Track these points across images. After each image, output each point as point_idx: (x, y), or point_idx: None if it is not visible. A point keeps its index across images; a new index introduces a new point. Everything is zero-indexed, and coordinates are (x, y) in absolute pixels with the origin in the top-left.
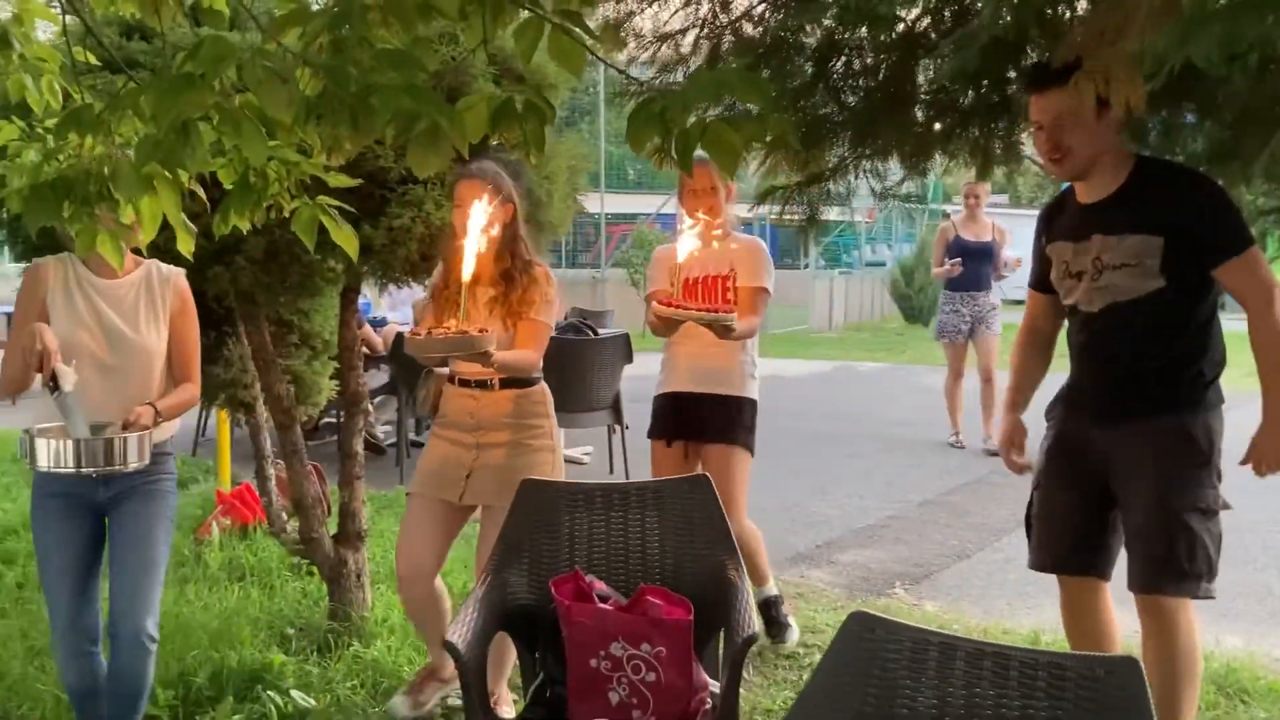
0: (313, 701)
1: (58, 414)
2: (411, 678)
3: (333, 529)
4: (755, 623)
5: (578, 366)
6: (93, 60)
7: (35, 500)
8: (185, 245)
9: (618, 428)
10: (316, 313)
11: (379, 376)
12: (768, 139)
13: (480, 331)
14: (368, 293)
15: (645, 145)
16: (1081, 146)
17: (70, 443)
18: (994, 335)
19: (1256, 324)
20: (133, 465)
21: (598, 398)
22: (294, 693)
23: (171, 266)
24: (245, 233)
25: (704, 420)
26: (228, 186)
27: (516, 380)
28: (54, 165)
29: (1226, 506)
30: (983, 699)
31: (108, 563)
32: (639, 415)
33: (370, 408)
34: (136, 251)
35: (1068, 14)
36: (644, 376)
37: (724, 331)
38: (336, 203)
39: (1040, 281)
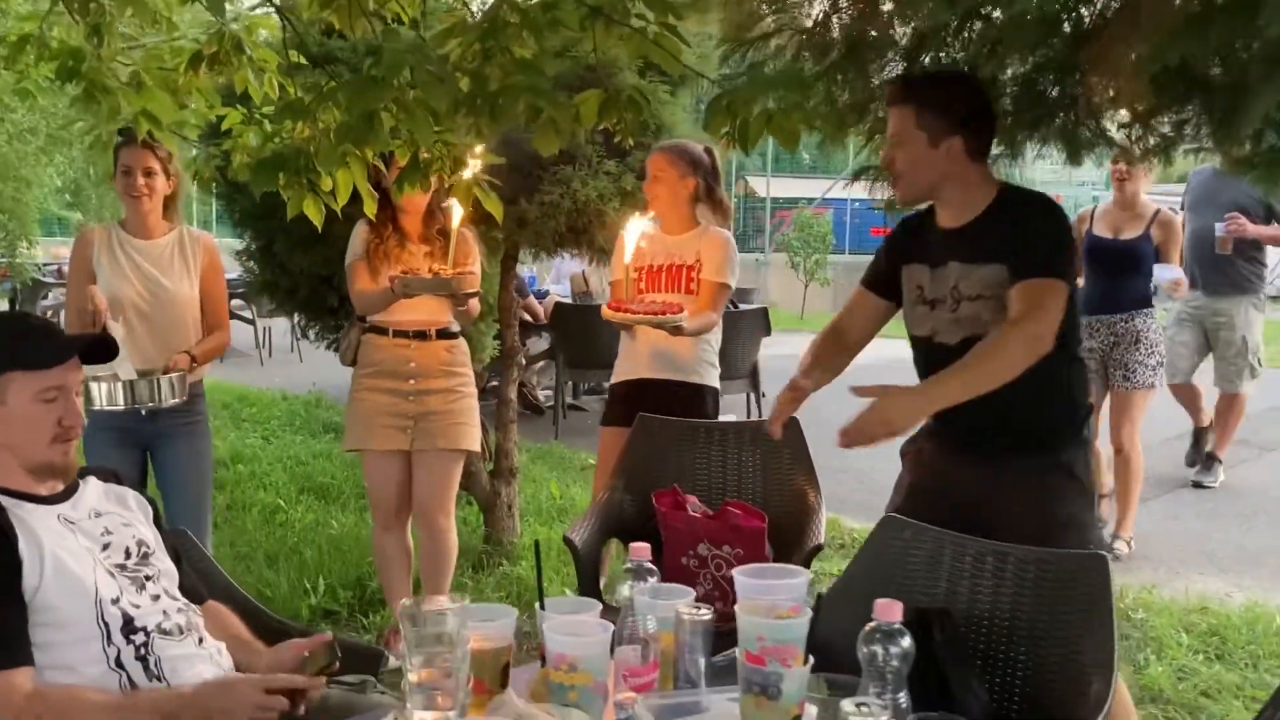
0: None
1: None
2: (385, 632)
3: (489, 468)
4: (822, 536)
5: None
6: (301, 60)
7: (88, 436)
8: (370, 209)
9: (755, 396)
10: (484, 279)
11: (539, 343)
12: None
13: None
14: (533, 267)
15: (719, 130)
16: (909, 170)
17: (120, 384)
18: (1139, 389)
19: (1003, 329)
20: (171, 402)
21: (737, 368)
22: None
23: (202, 231)
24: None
25: (665, 409)
26: (402, 163)
27: (447, 331)
28: (273, 145)
29: (1112, 549)
30: (983, 589)
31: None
32: (775, 387)
33: (523, 364)
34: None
35: None
36: (782, 355)
37: (675, 332)
38: (488, 177)
39: (873, 281)
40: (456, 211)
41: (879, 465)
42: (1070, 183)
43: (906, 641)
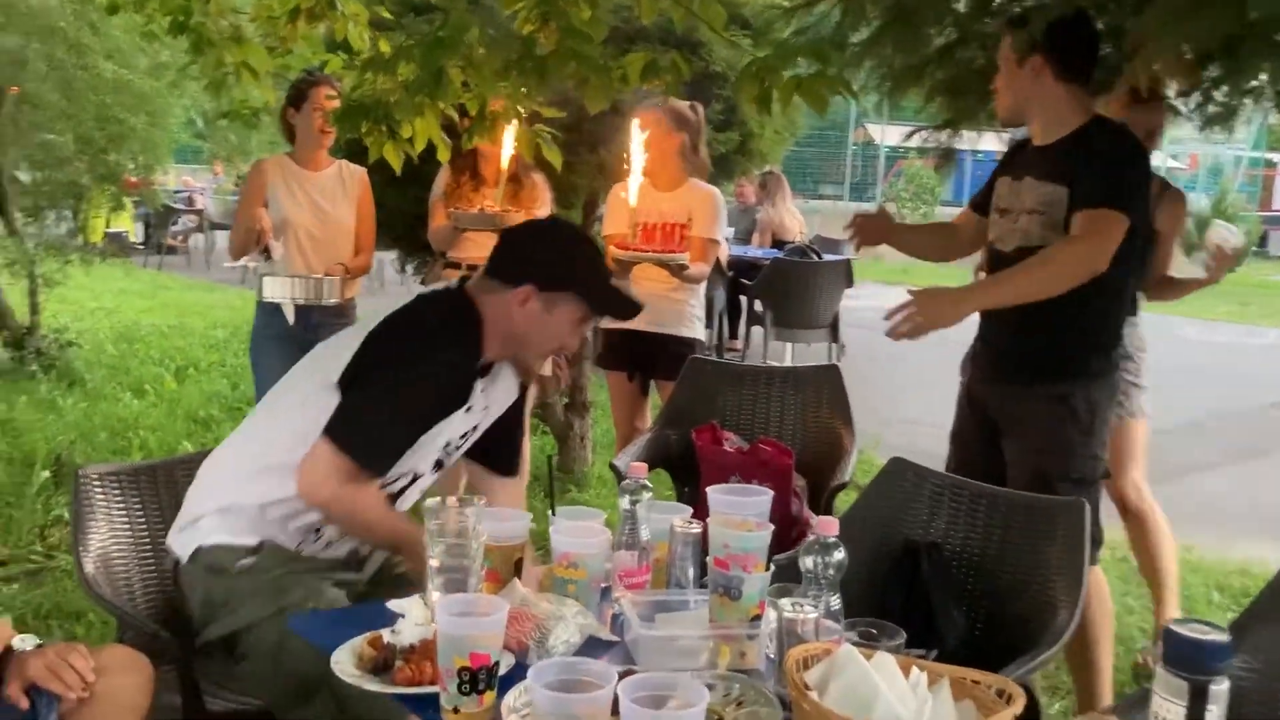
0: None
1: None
2: None
3: (564, 401)
4: (847, 476)
5: (799, 287)
6: (387, 14)
7: (255, 340)
8: (444, 157)
9: (835, 346)
10: None
11: None
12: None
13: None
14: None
15: (750, 96)
16: (1001, 89)
17: (285, 279)
18: (1137, 418)
19: (1057, 244)
20: (328, 301)
21: (817, 317)
22: None
23: (357, 166)
24: None
25: (655, 357)
26: (472, 114)
27: None
28: (358, 93)
29: (1107, 475)
30: (976, 527)
31: None
32: (857, 338)
33: None
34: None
35: None
36: (869, 307)
37: (678, 270)
38: (549, 130)
39: (978, 201)
40: (506, 151)
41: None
42: None
43: (839, 554)
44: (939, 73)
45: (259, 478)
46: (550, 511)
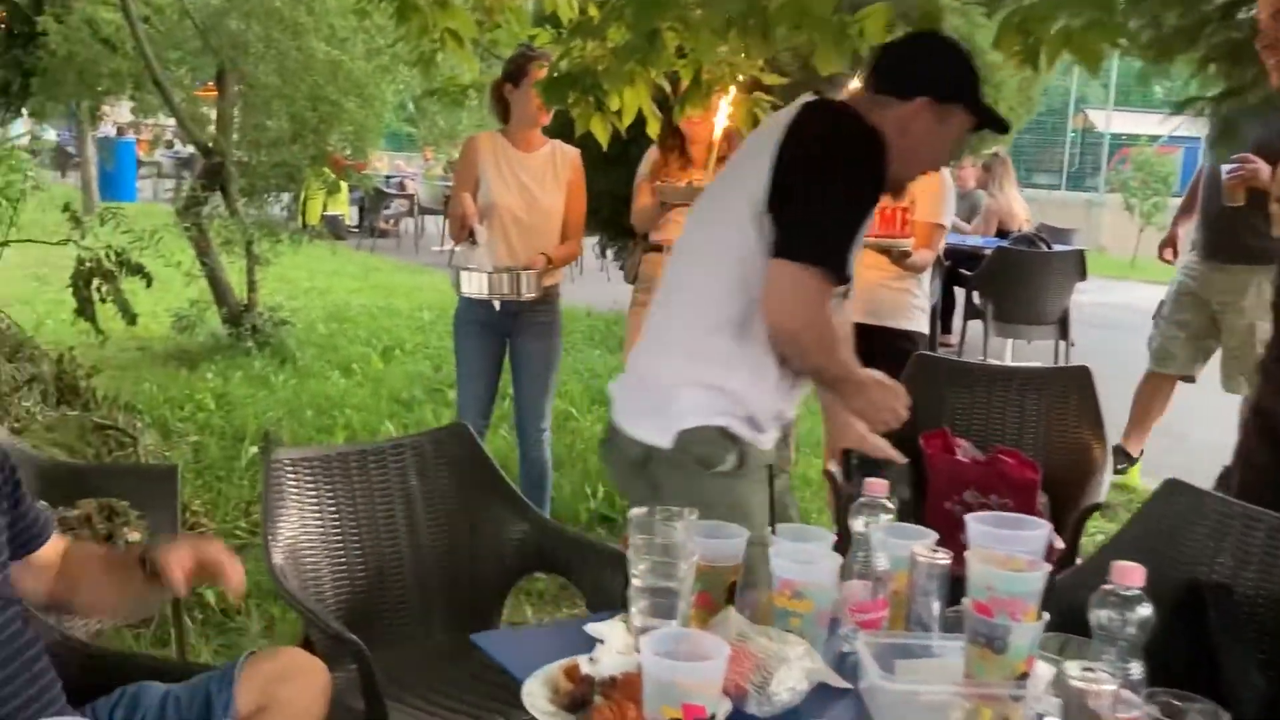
0: None
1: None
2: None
3: None
4: (1103, 495)
5: (1026, 279)
6: None
7: (458, 324)
8: (654, 130)
9: (1064, 344)
10: None
11: None
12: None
13: None
14: None
15: (1010, 49)
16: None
17: (482, 274)
18: None
19: None
20: (527, 296)
21: (1044, 312)
22: None
23: (570, 146)
24: None
25: (873, 352)
26: (686, 81)
27: None
28: (565, 63)
29: None
30: (1272, 568)
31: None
32: (1089, 337)
33: None
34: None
35: None
36: (1101, 303)
37: (900, 257)
38: (770, 98)
39: None
40: (719, 123)
41: (1200, 428)
42: None
43: (1144, 610)
44: (1217, 36)
45: (713, 345)
46: (770, 530)
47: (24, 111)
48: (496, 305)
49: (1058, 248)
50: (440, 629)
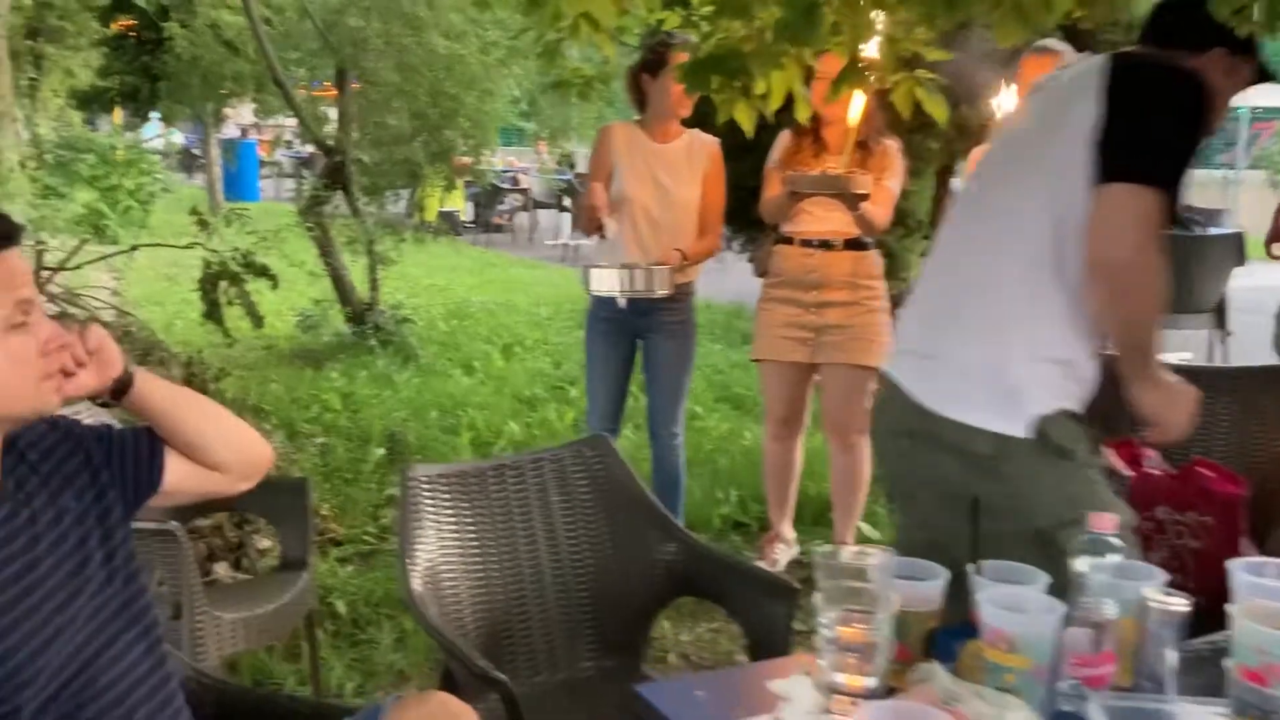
0: (878, 534)
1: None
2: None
3: None
4: None
5: (1177, 264)
6: None
7: (589, 322)
8: (804, 115)
9: (1220, 334)
10: (913, 192)
11: None
12: None
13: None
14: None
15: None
16: None
17: (611, 271)
18: None
19: None
20: (659, 293)
21: (1198, 299)
22: (862, 525)
23: (708, 135)
24: None
25: None
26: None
27: (857, 242)
28: (708, 45)
29: None
30: None
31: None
32: (1249, 327)
33: None
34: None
35: None
36: (1256, 288)
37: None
38: (933, 76)
39: None
40: (855, 103)
41: None
42: None
43: None
44: None
45: (1046, 312)
46: (974, 566)
47: (152, 116)
48: (622, 303)
49: (1213, 230)
50: (585, 654)
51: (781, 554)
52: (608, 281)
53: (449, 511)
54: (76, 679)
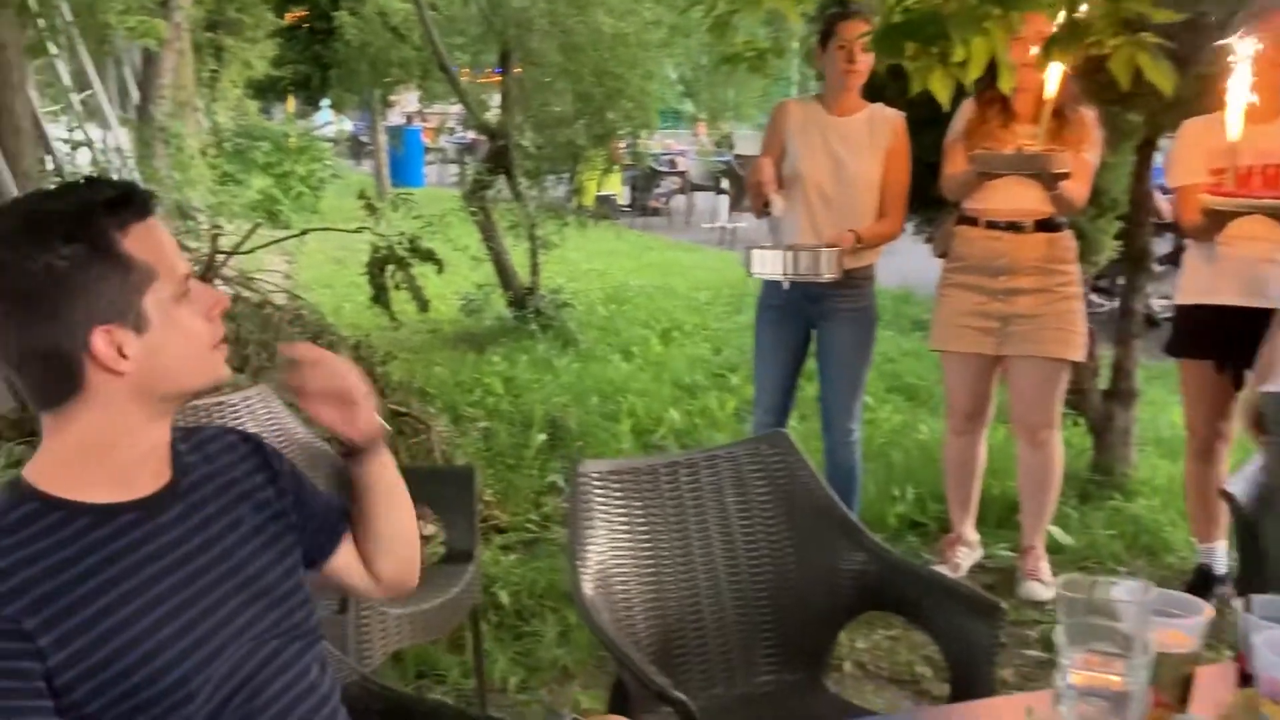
0: (1070, 539)
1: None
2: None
3: (1102, 387)
4: None
5: None
6: None
7: (758, 309)
8: (1006, 84)
9: None
10: (1106, 169)
11: (1160, 245)
12: None
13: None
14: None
15: None
16: None
17: (775, 252)
18: None
19: None
20: (825, 277)
21: None
22: (1053, 528)
23: (893, 110)
24: None
25: (1256, 341)
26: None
27: (1050, 223)
28: (901, 8)
29: None
30: None
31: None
32: None
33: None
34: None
35: None
36: None
37: None
38: (1158, 39)
39: None
40: (1053, 71)
41: None
42: None
43: None
44: None
45: None
46: (1243, 599)
47: (323, 104)
48: (785, 286)
49: None
50: (763, 667)
51: (963, 558)
52: (770, 263)
53: (620, 511)
54: (240, 692)
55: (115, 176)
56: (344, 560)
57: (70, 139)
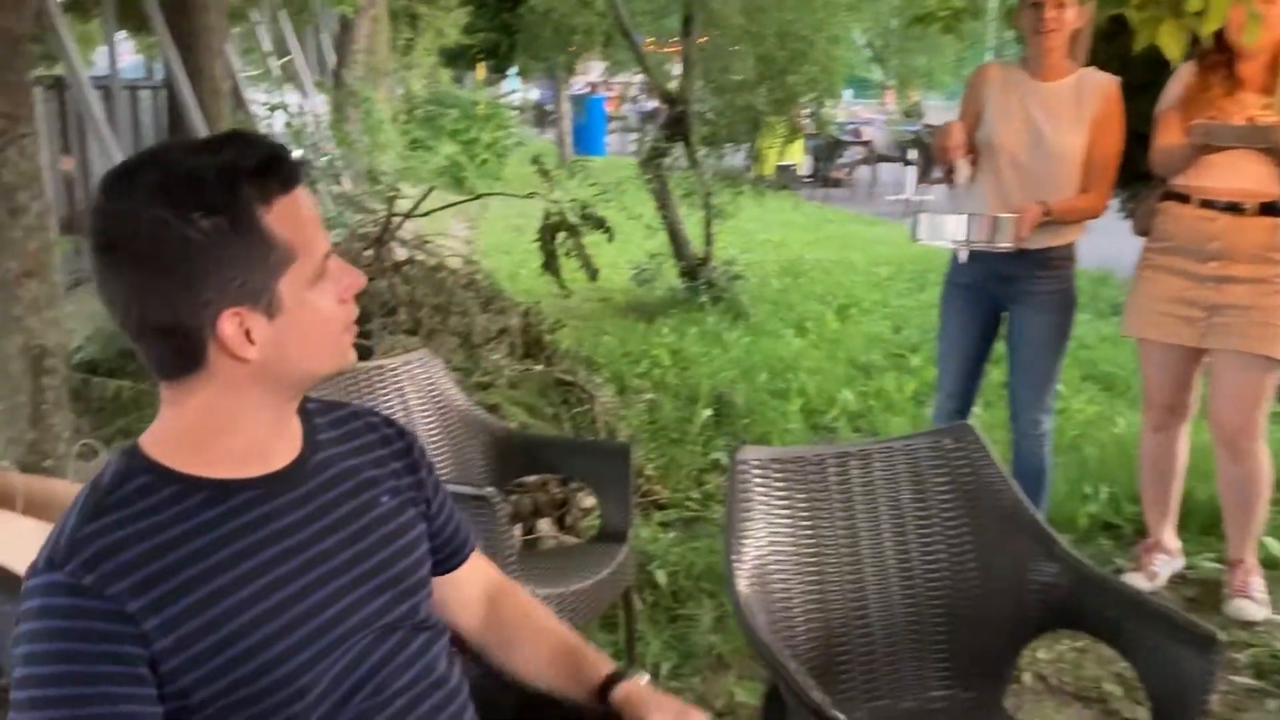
0: None
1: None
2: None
3: None
4: None
5: None
6: None
7: (945, 287)
8: (1251, 38)
9: None
10: None
11: None
12: None
13: None
14: None
15: None
16: None
17: (945, 217)
18: None
19: None
20: (1000, 246)
21: None
22: (1268, 540)
23: (1105, 74)
24: None
25: None
26: None
27: (1274, 207)
28: None
29: None
30: None
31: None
32: None
33: None
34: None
35: None
36: None
37: None
38: None
39: None
40: None
41: None
42: None
43: None
44: None
45: None
46: None
47: (510, 73)
48: (962, 258)
49: None
50: (935, 681)
51: (1161, 566)
52: (940, 228)
53: (782, 503)
54: (364, 686)
55: (310, 141)
56: (451, 588)
57: (269, 102)
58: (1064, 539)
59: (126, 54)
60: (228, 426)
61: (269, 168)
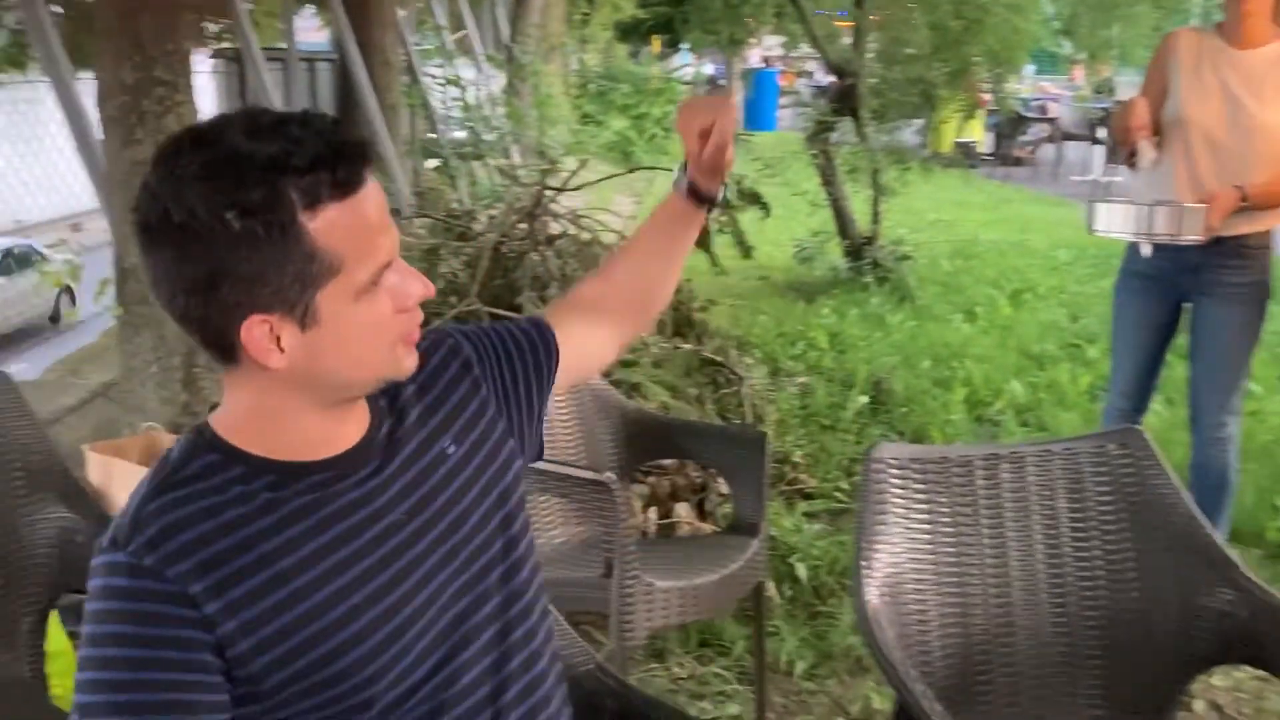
0: None
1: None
2: None
3: None
4: None
5: None
6: None
7: (1120, 275)
8: None
9: None
10: None
11: None
12: None
13: None
14: None
15: None
16: None
17: (1124, 206)
18: None
19: None
20: (1186, 239)
21: None
22: None
23: None
24: None
25: None
26: None
27: None
28: None
29: None
30: None
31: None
32: None
33: None
34: None
35: None
36: None
37: None
38: None
39: None
40: None
41: None
42: None
43: None
44: None
45: None
46: None
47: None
48: (1146, 250)
49: None
50: (1088, 710)
51: None
52: (1117, 219)
53: (922, 507)
54: (433, 678)
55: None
56: (573, 354)
57: (443, 75)
58: (1248, 556)
59: (313, 29)
60: (278, 419)
61: (323, 166)
